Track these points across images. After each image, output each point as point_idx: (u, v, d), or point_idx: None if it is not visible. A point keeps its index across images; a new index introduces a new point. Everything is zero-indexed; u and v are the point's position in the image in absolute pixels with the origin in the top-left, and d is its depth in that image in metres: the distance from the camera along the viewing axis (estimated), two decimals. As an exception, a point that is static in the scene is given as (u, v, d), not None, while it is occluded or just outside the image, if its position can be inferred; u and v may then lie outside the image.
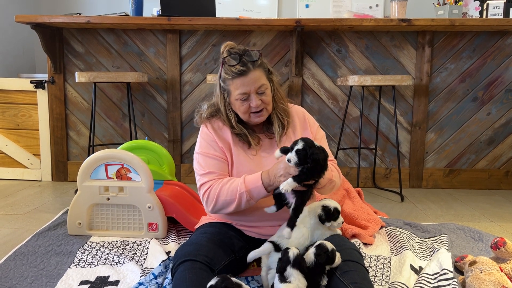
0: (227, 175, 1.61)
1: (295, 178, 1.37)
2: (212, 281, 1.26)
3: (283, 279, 1.33)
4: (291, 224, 1.42)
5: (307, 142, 1.38)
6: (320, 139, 1.71)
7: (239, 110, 1.58)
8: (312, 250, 1.40)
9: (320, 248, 1.39)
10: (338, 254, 1.40)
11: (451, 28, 2.97)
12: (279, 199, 1.49)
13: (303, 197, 1.43)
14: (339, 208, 1.56)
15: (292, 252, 1.36)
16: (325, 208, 1.53)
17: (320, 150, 1.39)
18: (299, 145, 1.37)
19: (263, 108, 1.58)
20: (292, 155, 1.37)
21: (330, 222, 1.53)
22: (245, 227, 1.65)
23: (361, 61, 3.16)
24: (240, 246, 1.58)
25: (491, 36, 3.10)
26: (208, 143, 1.63)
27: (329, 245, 1.40)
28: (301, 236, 1.49)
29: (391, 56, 3.15)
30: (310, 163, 1.36)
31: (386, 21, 2.86)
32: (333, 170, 1.58)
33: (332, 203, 1.55)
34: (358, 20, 2.85)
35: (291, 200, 1.44)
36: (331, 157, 1.62)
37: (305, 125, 1.71)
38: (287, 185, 1.37)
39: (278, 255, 1.42)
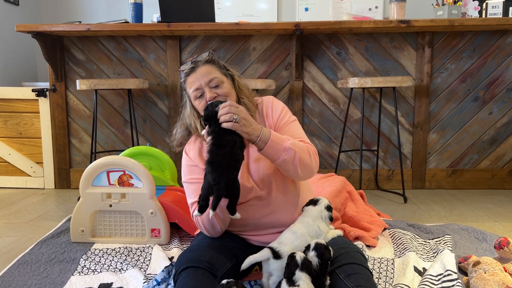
0: None
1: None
2: (223, 281, 1.29)
3: (291, 283, 1.33)
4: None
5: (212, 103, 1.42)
6: (285, 124, 1.60)
7: (200, 110, 1.56)
8: (312, 253, 1.40)
9: (319, 248, 1.40)
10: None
11: (451, 29, 2.97)
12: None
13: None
14: (330, 204, 1.58)
15: (300, 256, 1.36)
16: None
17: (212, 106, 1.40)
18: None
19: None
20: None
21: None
22: (246, 236, 1.64)
23: (361, 63, 3.17)
24: (242, 249, 1.58)
25: (491, 35, 3.10)
26: (189, 168, 1.61)
27: (322, 241, 1.43)
28: (305, 242, 1.48)
29: (391, 57, 3.15)
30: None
31: (386, 23, 2.86)
32: (289, 139, 1.46)
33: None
34: (357, 22, 2.86)
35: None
36: (306, 140, 1.57)
37: (268, 115, 1.63)
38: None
39: (278, 262, 1.41)
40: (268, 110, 1.64)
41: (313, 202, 1.58)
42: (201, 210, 1.37)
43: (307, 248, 1.43)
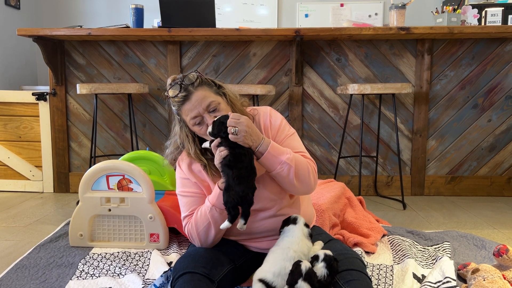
0: None
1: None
2: None
3: None
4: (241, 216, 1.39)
5: (221, 116, 1.43)
6: (285, 138, 1.58)
7: (202, 135, 1.53)
8: (321, 264, 1.37)
9: (328, 259, 1.38)
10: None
11: (450, 36, 2.98)
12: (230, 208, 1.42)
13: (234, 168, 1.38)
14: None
15: (305, 266, 1.34)
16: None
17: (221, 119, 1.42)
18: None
19: None
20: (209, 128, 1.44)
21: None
22: (244, 243, 1.64)
23: (360, 69, 3.18)
24: (239, 255, 1.57)
25: (490, 43, 3.11)
26: (181, 181, 1.60)
27: (330, 252, 1.41)
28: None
29: (390, 64, 3.16)
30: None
31: (385, 30, 2.88)
32: (289, 154, 1.46)
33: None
34: (357, 29, 2.87)
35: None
36: (306, 154, 1.56)
37: (266, 128, 1.60)
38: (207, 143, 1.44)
39: None
40: (266, 122, 1.60)
41: (292, 221, 1.51)
42: (232, 220, 1.40)
43: (315, 258, 1.40)
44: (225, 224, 1.39)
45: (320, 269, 1.37)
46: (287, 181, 1.47)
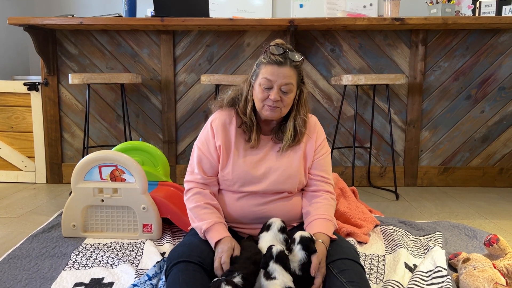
0: (211, 178, 1.65)
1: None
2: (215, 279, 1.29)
3: (268, 275, 1.33)
4: None
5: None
6: (321, 155, 1.69)
7: (257, 96, 1.57)
8: (298, 247, 1.40)
9: (304, 240, 1.41)
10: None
11: (444, 27, 2.98)
12: None
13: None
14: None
15: (276, 249, 1.36)
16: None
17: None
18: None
19: (278, 106, 1.55)
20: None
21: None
22: (239, 229, 1.65)
23: (355, 60, 3.17)
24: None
25: (484, 34, 3.11)
26: (206, 139, 1.66)
27: (306, 233, 1.43)
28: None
29: (384, 55, 3.16)
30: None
31: (380, 20, 2.87)
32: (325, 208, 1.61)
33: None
34: (352, 19, 2.86)
35: None
36: (326, 174, 1.68)
37: (312, 135, 1.68)
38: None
39: None
40: (313, 133, 1.69)
41: (266, 227, 1.53)
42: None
43: (293, 241, 1.43)
44: None
45: (298, 252, 1.39)
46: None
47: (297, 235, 1.43)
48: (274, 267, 1.33)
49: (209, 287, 1.25)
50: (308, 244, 1.39)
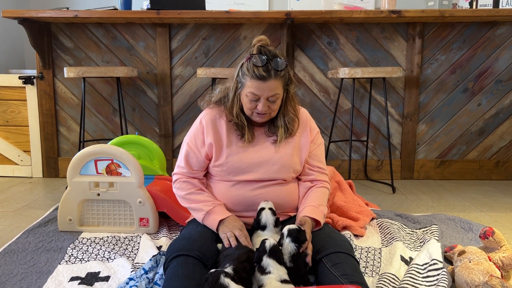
0: (198, 172, 1.69)
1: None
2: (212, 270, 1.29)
3: (262, 270, 1.34)
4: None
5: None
6: (317, 147, 1.75)
7: (245, 105, 1.60)
8: (287, 240, 1.41)
9: (292, 232, 1.42)
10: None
11: (441, 19, 2.97)
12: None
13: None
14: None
15: (269, 242, 1.37)
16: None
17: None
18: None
19: (267, 113, 1.59)
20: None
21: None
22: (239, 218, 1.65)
23: (352, 53, 3.16)
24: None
25: (481, 27, 3.10)
26: (195, 135, 1.69)
27: (293, 226, 1.45)
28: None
29: (381, 48, 3.15)
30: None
31: (377, 13, 2.85)
32: (319, 192, 1.67)
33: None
34: (348, 12, 2.84)
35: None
36: (322, 165, 1.73)
37: (306, 128, 1.73)
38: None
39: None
40: (311, 123, 1.75)
41: (261, 227, 1.57)
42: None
43: (282, 236, 1.44)
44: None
45: (288, 245, 1.40)
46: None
47: (285, 229, 1.45)
48: (268, 262, 1.34)
49: (206, 278, 1.25)
50: (297, 235, 1.41)
